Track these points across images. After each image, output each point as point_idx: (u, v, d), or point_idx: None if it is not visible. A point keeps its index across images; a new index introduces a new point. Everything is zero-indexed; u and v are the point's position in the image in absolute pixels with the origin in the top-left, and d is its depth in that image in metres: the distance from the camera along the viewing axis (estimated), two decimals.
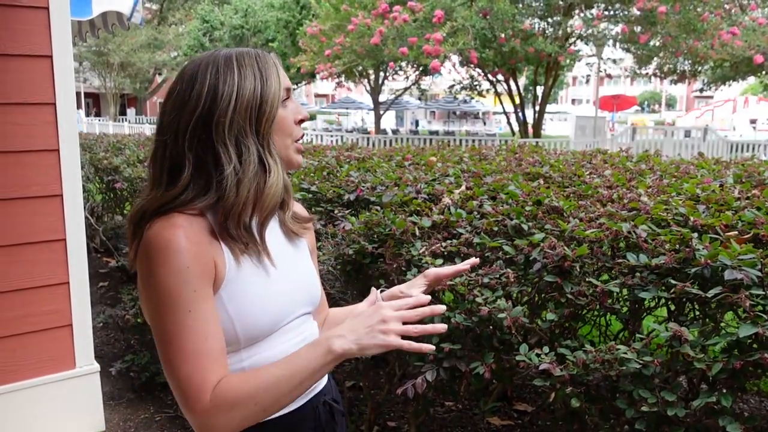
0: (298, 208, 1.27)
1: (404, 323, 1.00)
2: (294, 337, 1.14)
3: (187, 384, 0.96)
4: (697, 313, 1.70)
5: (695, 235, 1.62)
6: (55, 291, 2.67)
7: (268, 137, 1.06)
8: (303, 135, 1.14)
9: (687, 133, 15.71)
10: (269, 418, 1.08)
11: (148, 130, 16.80)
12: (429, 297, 1.07)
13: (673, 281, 1.50)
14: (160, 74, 33.99)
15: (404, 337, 1.00)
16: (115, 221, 5.65)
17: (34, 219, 2.58)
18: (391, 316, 0.99)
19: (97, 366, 2.81)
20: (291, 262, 1.16)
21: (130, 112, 34.79)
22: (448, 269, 1.29)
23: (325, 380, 1.23)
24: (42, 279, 2.63)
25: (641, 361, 1.36)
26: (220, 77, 1.03)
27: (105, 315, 3.50)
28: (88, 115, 30.42)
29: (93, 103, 37.24)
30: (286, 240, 1.18)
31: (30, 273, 2.60)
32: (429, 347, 1.00)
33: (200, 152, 1.03)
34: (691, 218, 1.81)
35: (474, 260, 1.29)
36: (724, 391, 1.33)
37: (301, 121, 1.12)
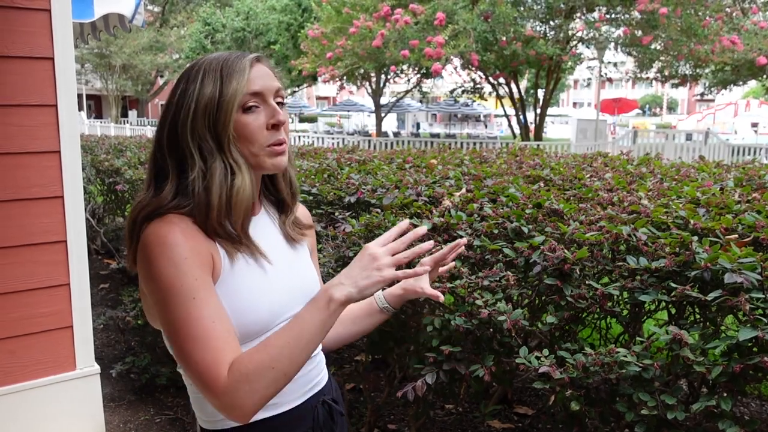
0: (302, 213, 1.27)
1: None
2: None
3: (202, 367, 0.97)
4: (698, 316, 1.70)
5: (695, 238, 1.61)
6: (56, 292, 2.67)
7: (229, 143, 1.05)
8: (280, 140, 1.08)
9: (688, 137, 15.74)
10: (266, 416, 1.09)
11: (150, 132, 16.84)
12: (408, 221, 1.12)
13: (673, 284, 1.50)
14: (161, 76, 34.10)
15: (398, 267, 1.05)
16: (116, 223, 5.65)
17: (34, 220, 2.58)
18: (380, 252, 1.04)
19: (97, 368, 2.81)
20: (287, 261, 1.17)
21: (132, 114, 34.89)
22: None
23: (325, 380, 1.23)
24: (43, 280, 2.62)
25: (641, 364, 1.36)
26: (189, 85, 1.06)
27: (105, 317, 3.50)
28: (89, 117, 30.47)
29: (94, 105, 37.34)
30: (283, 239, 1.19)
31: (31, 274, 2.60)
32: (425, 269, 1.09)
33: (177, 159, 1.07)
34: (692, 221, 1.81)
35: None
36: (724, 394, 1.32)
37: (275, 125, 1.07)
